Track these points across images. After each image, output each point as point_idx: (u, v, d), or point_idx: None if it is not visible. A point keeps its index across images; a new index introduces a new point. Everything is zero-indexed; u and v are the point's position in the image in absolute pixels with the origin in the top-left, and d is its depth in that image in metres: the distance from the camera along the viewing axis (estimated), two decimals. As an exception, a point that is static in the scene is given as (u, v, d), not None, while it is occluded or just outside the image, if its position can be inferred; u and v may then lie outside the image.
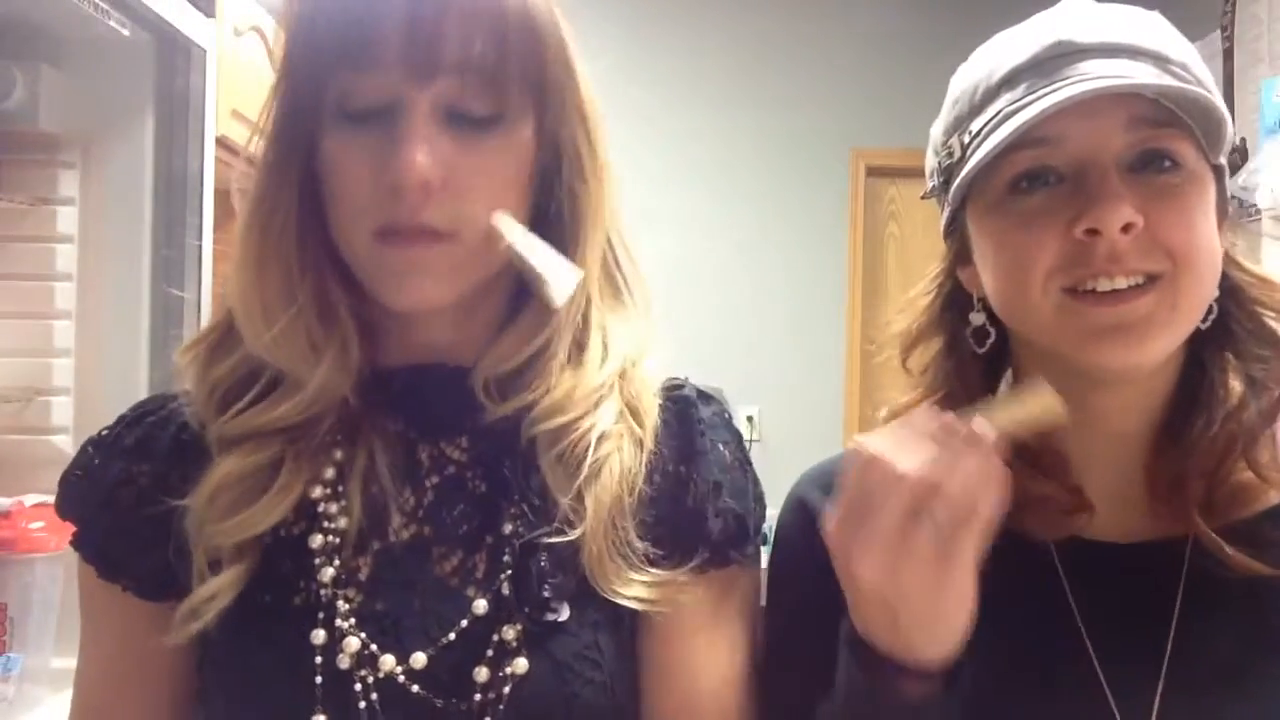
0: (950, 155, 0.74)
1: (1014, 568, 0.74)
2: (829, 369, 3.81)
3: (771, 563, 0.84)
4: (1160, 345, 0.69)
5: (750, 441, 3.67)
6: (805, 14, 3.77)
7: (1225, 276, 0.74)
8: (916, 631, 0.64)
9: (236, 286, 0.76)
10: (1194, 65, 0.71)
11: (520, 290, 0.77)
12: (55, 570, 1.54)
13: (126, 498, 0.77)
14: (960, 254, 0.79)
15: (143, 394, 0.88)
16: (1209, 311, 0.73)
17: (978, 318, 0.79)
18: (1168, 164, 0.69)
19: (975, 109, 0.73)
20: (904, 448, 0.62)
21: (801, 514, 0.83)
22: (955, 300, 0.81)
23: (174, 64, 1.78)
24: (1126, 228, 0.66)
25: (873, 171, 3.83)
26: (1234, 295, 0.75)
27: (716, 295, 3.70)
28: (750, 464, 0.82)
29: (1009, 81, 0.71)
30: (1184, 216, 0.68)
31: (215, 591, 0.72)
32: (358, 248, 0.72)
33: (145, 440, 0.79)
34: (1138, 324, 0.67)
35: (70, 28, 1.66)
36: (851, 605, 0.66)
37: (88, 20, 1.59)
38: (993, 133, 0.69)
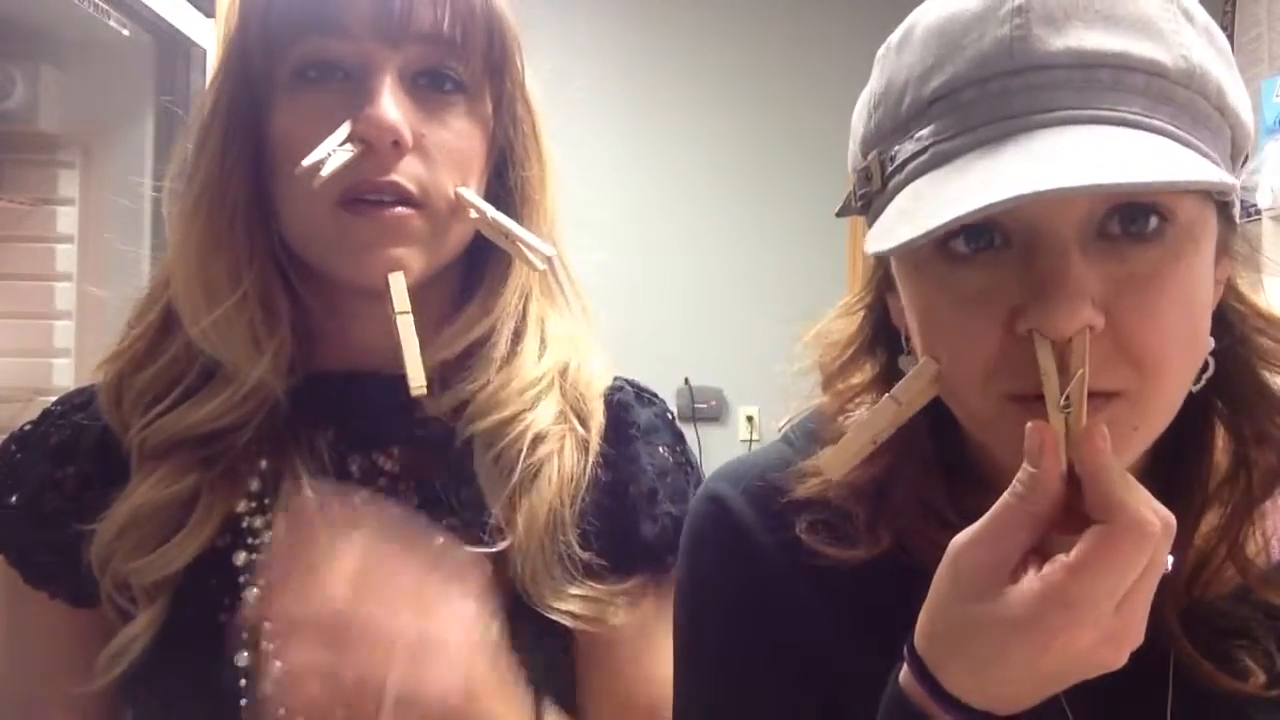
0: (868, 179, 0.59)
1: None
2: (829, 369, 3.81)
3: (684, 564, 0.71)
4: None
5: (750, 441, 3.67)
6: (805, 14, 3.77)
7: (1227, 323, 0.60)
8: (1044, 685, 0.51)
9: (180, 269, 0.72)
10: (1198, 55, 0.54)
11: (462, 291, 0.76)
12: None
13: (50, 503, 0.73)
14: (888, 279, 0.64)
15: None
16: (1204, 368, 0.57)
17: (907, 363, 0.61)
18: (1153, 223, 0.52)
19: (900, 125, 0.56)
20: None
21: (719, 512, 0.69)
22: (885, 329, 0.66)
23: (174, 64, 1.78)
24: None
25: (873, 172, 3.82)
26: (1234, 349, 0.60)
27: (717, 295, 3.70)
28: (694, 466, 0.79)
29: (944, 97, 0.54)
30: (1159, 314, 0.52)
31: (137, 633, 0.69)
32: (318, 219, 0.68)
33: (72, 439, 0.75)
34: None
35: (70, 28, 1.66)
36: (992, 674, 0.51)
37: (88, 20, 1.59)
38: (920, 175, 0.54)
